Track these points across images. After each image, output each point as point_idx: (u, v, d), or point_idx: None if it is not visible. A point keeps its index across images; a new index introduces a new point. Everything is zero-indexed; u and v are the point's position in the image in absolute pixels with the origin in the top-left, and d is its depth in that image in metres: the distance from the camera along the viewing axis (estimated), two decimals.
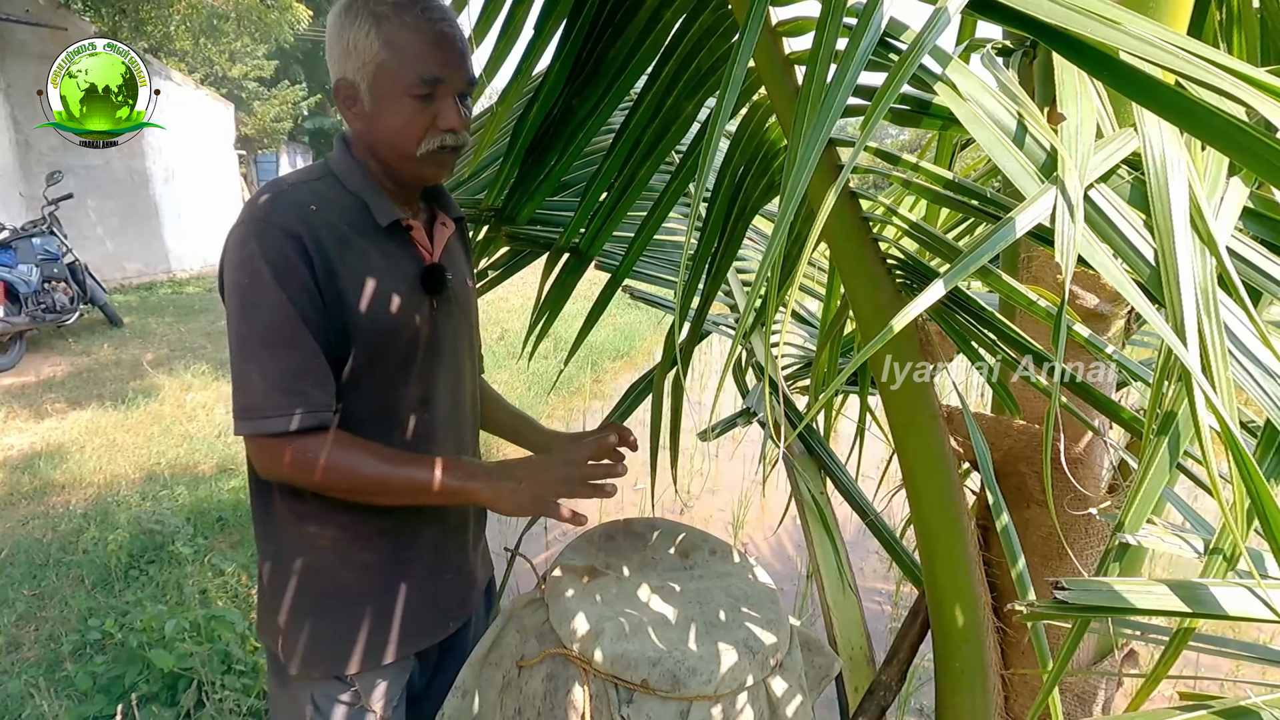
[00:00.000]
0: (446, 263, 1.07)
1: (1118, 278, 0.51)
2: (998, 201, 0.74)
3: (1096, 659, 1.03)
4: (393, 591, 1.07)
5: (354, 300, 0.96)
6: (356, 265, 0.96)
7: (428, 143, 0.96)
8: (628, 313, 7.91)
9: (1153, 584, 0.58)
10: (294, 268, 0.91)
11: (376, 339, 0.98)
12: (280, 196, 0.96)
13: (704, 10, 1.07)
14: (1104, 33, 0.50)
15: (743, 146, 1.15)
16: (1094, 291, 0.86)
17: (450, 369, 1.10)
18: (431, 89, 0.94)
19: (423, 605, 1.10)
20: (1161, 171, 0.55)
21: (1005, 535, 0.83)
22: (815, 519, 1.38)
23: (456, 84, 0.96)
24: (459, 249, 1.15)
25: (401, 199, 1.04)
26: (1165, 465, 0.61)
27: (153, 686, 2.16)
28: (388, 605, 1.07)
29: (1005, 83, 0.64)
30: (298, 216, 0.93)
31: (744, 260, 2.04)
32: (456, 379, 1.12)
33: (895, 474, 1.03)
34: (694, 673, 0.91)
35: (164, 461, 4.00)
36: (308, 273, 0.92)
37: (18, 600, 2.70)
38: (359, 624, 1.05)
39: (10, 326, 5.45)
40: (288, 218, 0.93)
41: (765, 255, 0.55)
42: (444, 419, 1.09)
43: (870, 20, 0.54)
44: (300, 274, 0.91)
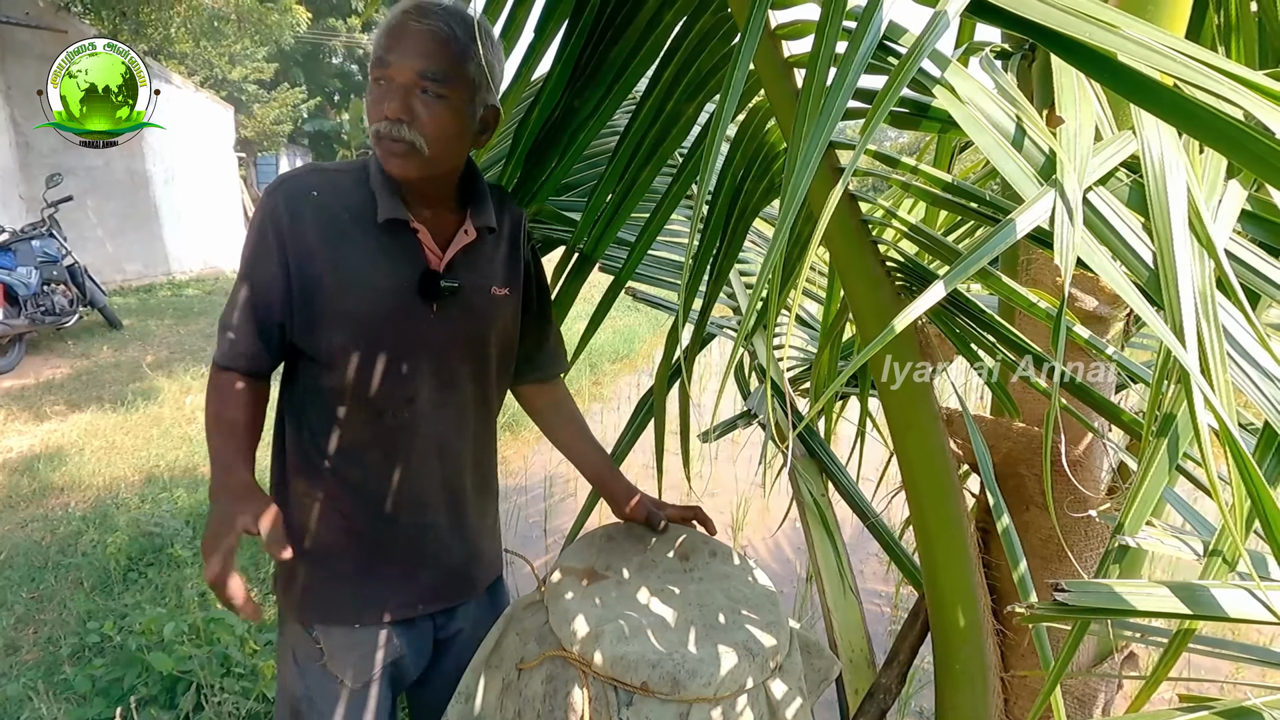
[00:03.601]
0: (462, 269, 1.06)
1: (1117, 280, 0.52)
2: (997, 204, 0.74)
3: (1096, 661, 1.03)
4: (360, 555, 1.11)
5: (333, 286, 1.01)
6: (345, 255, 1.01)
7: (373, 129, 0.98)
8: (627, 315, 7.92)
9: (1153, 585, 0.58)
10: (266, 242, 1.01)
11: (353, 327, 1.02)
12: (292, 179, 1.05)
13: (704, 13, 1.08)
14: (1102, 36, 0.50)
15: (743, 149, 1.16)
16: (1093, 294, 0.87)
17: (443, 372, 1.09)
18: (381, 73, 0.96)
19: (389, 577, 1.12)
20: (1160, 174, 0.55)
21: (1006, 537, 0.83)
22: (816, 521, 1.38)
23: (402, 73, 0.94)
24: (488, 258, 1.11)
25: (420, 199, 1.04)
26: (1165, 467, 0.61)
27: (152, 689, 2.15)
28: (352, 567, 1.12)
29: (1004, 85, 0.64)
30: (292, 198, 1.02)
31: (745, 262, 2.05)
32: (449, 382, 1.10)
33: (895, 476, 1.03)
34: (694, 675, 0.91)
35: (163, 464, 4.00)
36: (277, 251, 1.01)
37: (16, 603, 2.69)
38: (326, 577, 1.11)
39: (10, 329, 5.45)
40: (283, 198, 1.02)
41: (766, 258, 0.55)
42: (427, 417, 1.09)
43: (869, 24, 0.54)
44: (269, 249, 1.01)
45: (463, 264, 1.07)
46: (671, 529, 1.24)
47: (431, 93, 0.95)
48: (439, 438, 1.11)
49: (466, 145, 1.03)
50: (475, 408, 1.16)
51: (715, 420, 1.27)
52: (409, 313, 1.03)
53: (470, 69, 0.97)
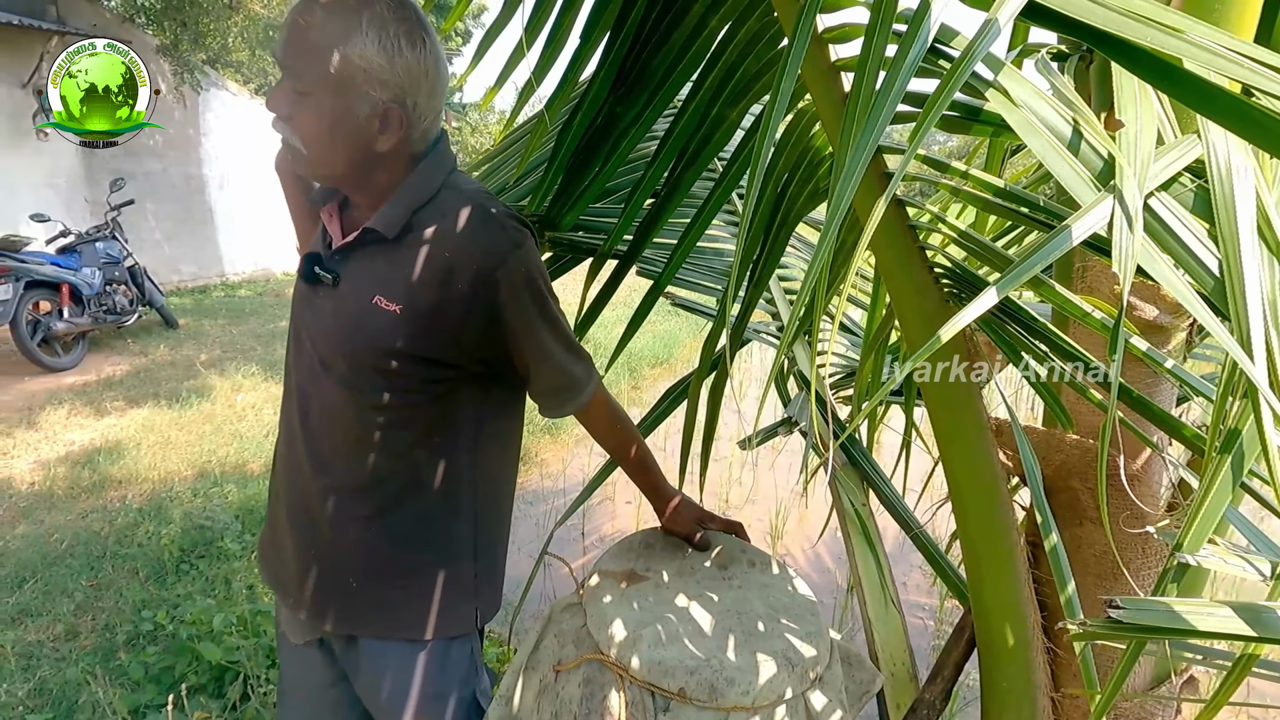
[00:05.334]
0: (348, 266, 1.02)
1: (1179, 289, 0.50)
2: (1050, 210, 0.72)
3: (1154, 684, 0.99)
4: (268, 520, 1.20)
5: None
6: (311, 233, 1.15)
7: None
8: (667, 320, 7.91)
9: (1215, 606, 0.55)
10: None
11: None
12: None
13: (750, 17, 1.07)
14: (1165, 41, 0.48)
15: (787, 154, 1.15)
16: (1153, 302, 0.84)
17: (316, 357, 1.05)
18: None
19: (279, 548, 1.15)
20: (1227, 179, 0.53)
21: (1054, 556, 0.81)
22: (857, 531, 1.36)
23: (281, 69, 0.96)
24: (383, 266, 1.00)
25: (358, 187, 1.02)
26: (1228, 484, 0.58)
27: (201, 678, 2.22)
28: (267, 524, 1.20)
29: (1060, 88, 0.62)
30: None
31: (786, 268, 2.03)
32: (318, 372, 1.04)
33: (940, 486, 1.01)
34: (732, 683, 0.90)
35: (215, 460, 4.13)
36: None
37: (77, 590, 2.80)
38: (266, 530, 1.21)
39: (74, 327, 5.69)
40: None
41: (811, 264, 0.54)
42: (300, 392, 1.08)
43: (920, 27, 0.53)
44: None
45: (351, 262, 1.02)
46: (710, 537, 1.23)
47: (295, 89, 0.93)
48: (306, 429, 1.07)
49: (349, 146, 0.95)
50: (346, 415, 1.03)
51: (756, 427, 1.25)
52: (301, 289, 1.09)
53: (336, 64, 0.90)
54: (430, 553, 1.08)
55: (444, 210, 1.00)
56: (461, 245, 0.99)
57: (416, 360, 1.00)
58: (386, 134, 0.96)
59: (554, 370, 1.08)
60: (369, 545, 1.07)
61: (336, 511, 1.06)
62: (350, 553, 1.07)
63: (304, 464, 1.07)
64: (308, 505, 1.08)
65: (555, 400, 1.13)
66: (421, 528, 1.07)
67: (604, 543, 3.31)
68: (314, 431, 1.06)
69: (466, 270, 0.98)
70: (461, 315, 0.99)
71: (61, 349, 5.74)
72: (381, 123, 0.95)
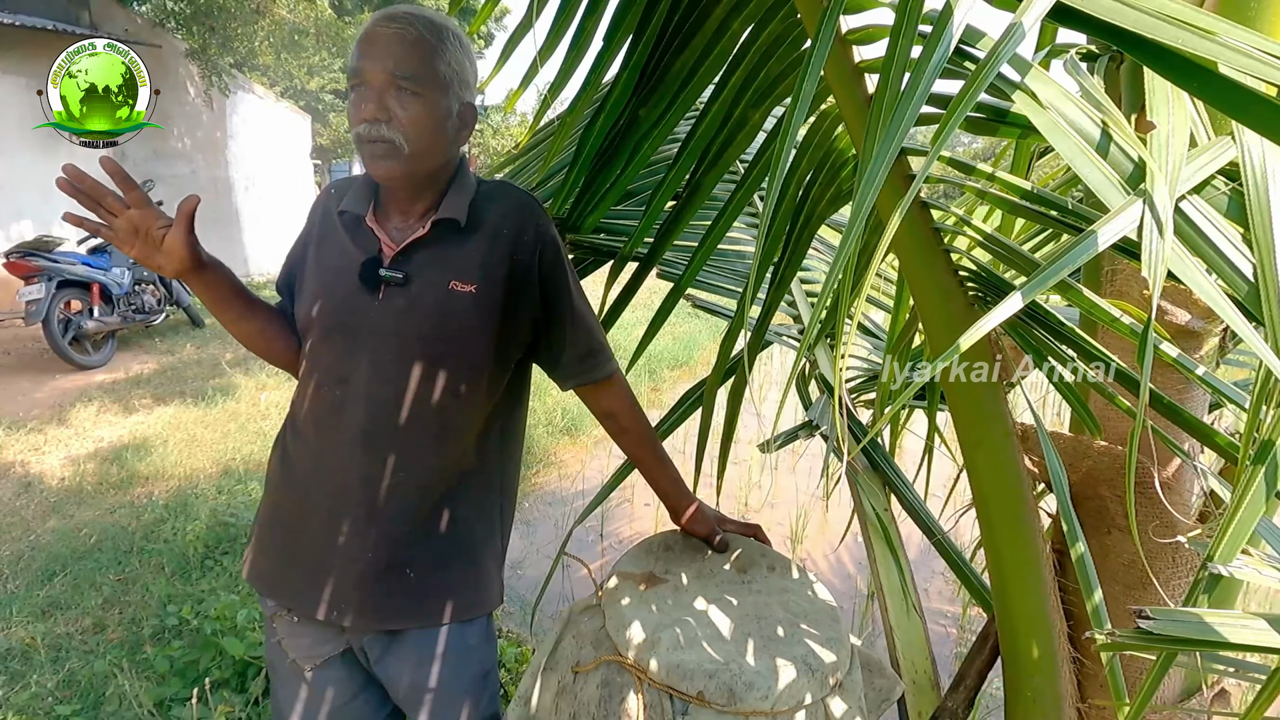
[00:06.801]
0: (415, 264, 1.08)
1: (1211, 294, 0.49)
2: (1079, 213, 0.71)
3: (1184, 696, 0.97)
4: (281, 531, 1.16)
5: (310, 265, 1.16)
6: (325, 241, 1.15)
7: (354, 133, 1.04)
8: (687, 322, 7.90)
9: (1248, 617, 0.54)
10: (303, 228, 1.21)
11: (311, 302, 1.13)
12: (334, 181, 1.24)
13: (772, 20, 1.06)
14: (1198, 44, 0.47)
15: (809, 155, 1.14)
16: (1185, 307, 0.82)
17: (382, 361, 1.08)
18: (356, 80, 1.02)
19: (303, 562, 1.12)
20: (1262, 182, 0.52)
21: (1080, 565, 0.79)
22: (878, 536, 1.35)
23: (374, 76, 1.00)
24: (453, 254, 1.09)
25: (395, 198, 1.11)
26: (1262, 495, 0.57)
27: (224, 673, 2.25)
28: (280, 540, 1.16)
29: (1089, 89, 0.61)
30: (323, 195, 1.23)
31: (807, 270, 2.02)
32: (387, 374, 1.08)
33: (964, 492, 1.00)
34: (751, 687, 0.90)
35: (239, 457, 4.18)
36: (304, 235, 1.21)
37: (105, 584, 2.85)
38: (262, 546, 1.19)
39: (104, 326, 5.81)
40: (321, 194, 1.23)
41: (833, 266, 0.54)
42: (357, 400, 1.09)
43: (945, 28, 0.52)
44: (301, 234, 1.21)
45: (418, 258, 1.08)
46: (729, 539, 1.23)
47: (406, 90, 1.00)
48: (366, 425, 1.08)
49: (445, 141, 1.06)
50: (423, 407, 1.09)
51: (776, 430, 1.25)
52: (354, 297, 1.09)
53: (440, 67, 1.02)
54: (483, 531, 1.17)
55: (490, 197, 1.13)
56: (516, 223, 1.11)
57: (488, 342, 1.10)
58: (465, 130, 1.10)
59: (586, 333, 1.18)
60: (434, 533, 1.12)
61: (403, 506, 1.10)
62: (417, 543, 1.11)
63: (358, 466, 1.08)
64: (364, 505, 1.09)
65: (588, 364, 1.21)
66: (477, 509, 1.16)
67: (622, 545, 3.31)
68: (380, 430, 1.08)
69: (523, 243, 1.11)
70: (522, 285, 1.12)
71: (92, 347, 5.86)
72: (461, 119, 1.08)
